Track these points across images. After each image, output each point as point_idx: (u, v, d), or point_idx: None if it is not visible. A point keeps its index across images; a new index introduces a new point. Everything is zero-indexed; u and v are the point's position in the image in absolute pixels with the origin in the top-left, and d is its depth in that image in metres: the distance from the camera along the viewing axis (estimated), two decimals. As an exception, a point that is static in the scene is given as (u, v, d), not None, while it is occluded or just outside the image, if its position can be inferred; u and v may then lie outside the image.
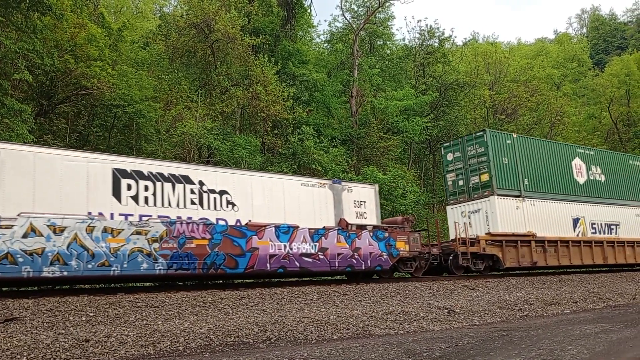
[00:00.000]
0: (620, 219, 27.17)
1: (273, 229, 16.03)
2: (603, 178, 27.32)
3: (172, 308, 12.03)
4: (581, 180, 26.16)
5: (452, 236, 22.85)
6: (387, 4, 43.02)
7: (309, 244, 16.66)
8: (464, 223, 22.52)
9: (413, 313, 13.96)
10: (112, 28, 27.99)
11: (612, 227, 26.66)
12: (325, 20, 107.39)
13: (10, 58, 21.32)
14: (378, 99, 37.00)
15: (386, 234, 18.57)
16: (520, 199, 23.04)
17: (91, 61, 24.29)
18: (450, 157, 24.50)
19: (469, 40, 59.92)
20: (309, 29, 47.25)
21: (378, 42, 45.65)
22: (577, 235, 24.75)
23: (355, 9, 44.53)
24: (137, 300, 12.13)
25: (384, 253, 18.38)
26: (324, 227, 17.21)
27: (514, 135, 24.35)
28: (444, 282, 18.73)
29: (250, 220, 15.88)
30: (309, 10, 43.41)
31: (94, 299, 11.96)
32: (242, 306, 12.90)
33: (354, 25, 42.54)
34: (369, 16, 42.04)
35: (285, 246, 16.16)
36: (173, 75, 29.18)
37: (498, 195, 22.37)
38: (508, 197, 22.70)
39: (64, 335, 9.58)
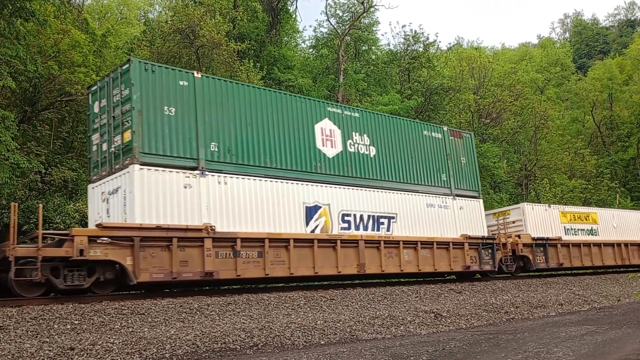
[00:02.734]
0: (399, 210, 19.52)
1: None
2: (373, 151, 19.47)
3: (159, 315, 11.95)
4: (331, 152, 18.26)
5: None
6: (372, 9, 43.28)
7: None
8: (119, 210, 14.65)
9: (400, 317, 13.98)
10: (96, 34, 27.85)
11: (383, 221, 19.03)
12: (311, 26, 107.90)
13: (-7, 64, 21.15)
14: (364, 104, 37.10)
15: None
16: (196, 172, 15.02)
17: (75, 67, 24.14)
18: (96, 107, 15.79)
19: (453, 45, 60.62)
20: (294, 35, 47.43)
21: (363, 47, 45.84)
22: (312, 231, 17.09)
23: (340, 14, 44.76)
24: (123, 308, 12.03)
25: None
26: None
27: (197, 75, 15.69)
28: (431, 286, 18.50)
29: None
30: (294, 16, 43.62)
31: (79, 306, 11.84)
32: (228, 312, 12.84)
33: (339, 31, 42.70)
34: (354, 21, 42.26)
35: None
36: (158, 81, 29.03)
37: (142, 163, 14.12)
38: (167, 169, 14.56)
39: (48, 344, 9.48)
